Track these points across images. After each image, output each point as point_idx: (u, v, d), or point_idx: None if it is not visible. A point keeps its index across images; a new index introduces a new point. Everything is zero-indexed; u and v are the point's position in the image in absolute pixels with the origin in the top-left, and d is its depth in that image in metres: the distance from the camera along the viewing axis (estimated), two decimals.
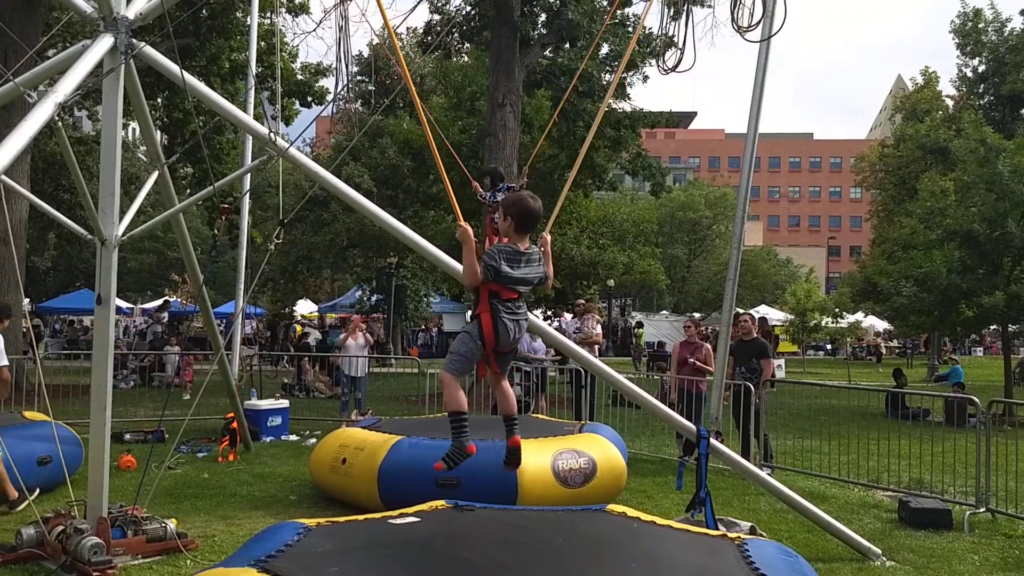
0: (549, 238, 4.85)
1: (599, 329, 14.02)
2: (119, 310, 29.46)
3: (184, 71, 6.20)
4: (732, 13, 6.59)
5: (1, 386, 7.70)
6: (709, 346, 11.48)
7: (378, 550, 4.38)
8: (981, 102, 32.60)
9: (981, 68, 32.95)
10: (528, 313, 4.64)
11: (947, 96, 37.31)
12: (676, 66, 7.12)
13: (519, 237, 4.47)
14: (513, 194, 4.80)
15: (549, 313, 27.63)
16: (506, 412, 4.85)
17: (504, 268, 4.33)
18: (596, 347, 13.53)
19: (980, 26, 32.52)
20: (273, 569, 3.79)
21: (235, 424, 10.32)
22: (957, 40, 33.20)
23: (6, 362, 7.67)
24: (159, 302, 31.84)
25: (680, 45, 7.01)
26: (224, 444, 10.33)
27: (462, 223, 4.56)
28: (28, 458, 7.59)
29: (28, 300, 16.40)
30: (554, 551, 4.46)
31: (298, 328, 29.17)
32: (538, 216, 4.53)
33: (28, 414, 9.24)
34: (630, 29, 20.42)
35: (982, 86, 33.09)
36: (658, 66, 7.47)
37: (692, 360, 11.00)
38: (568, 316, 18.01)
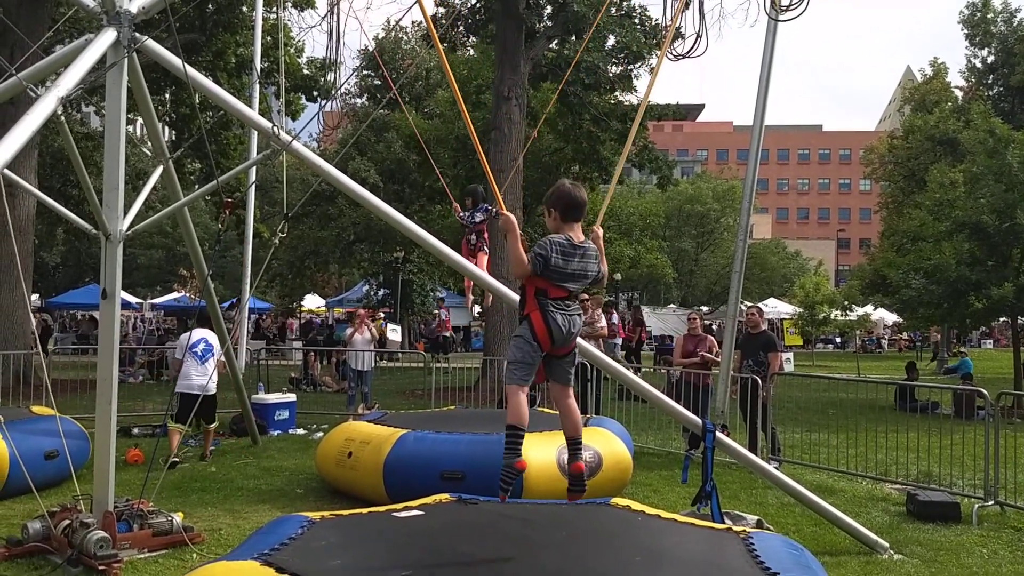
0: (601, 231, 4.51)
1: (604, 322, 13.98)
2: (127, 305, 29.60)
3: (188, 65, 6.19)
4: None
5: None
6: (713, 339, 11.44)
7: (382, 543, 4.38)
8: (990, 93, 32.45)
9: (990, 59, 32.78)
10: (580, 311, 4.26)
11: (956, 87, 37.13)
12: (688, 52, 7.08)
13: (570, 228, 4.15)
14: (553, 187, 4.38)
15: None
16: (570, 434, 4.34)
17: (555, 260, 4.03)
18: (602, 340, 13.51)
19: (989, 16, 32.33)
20: (276, 562, 3.78)
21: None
22: (966, 31, 33.00)
23: None
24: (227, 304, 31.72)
25: (687, 33, 6.97)
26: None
27: (504, 211, 4.32)
28: (35, 452, 7.62)
29: (37, 295, 16.48)
30: (559, 544, 4.45)
31: (378, 324, 28.94)
32: (584, 202, 4.22)
33: (36, 408, 9.28)
34: (636, 21, 20.34)
35: (991, 77, 32.92)
36: (669, 53, 7.39)
37: (701, 353, 10.96)
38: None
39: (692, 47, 7.31)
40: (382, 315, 31.44)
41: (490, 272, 8.30)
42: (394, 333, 25.72)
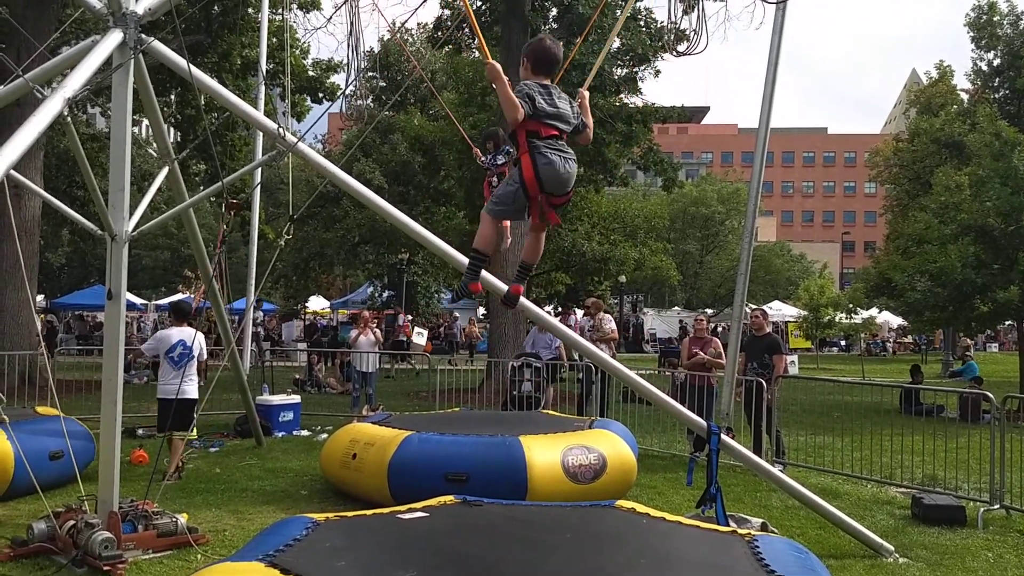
0: (587, 94, 4.61)
1: (613, 325, 13.99)
2: (132, 306, 29.66)
3: (193, 67, 6.20)
4: None
5: None
6: (718, 341, 11.42)
7: (386, 545, 4.38)
8: (996, 96, 32.31)
9: (996, 62, 32.64)
10: (573, 157, 4.35)
11: (962, 90, 37.02)
12: (687, 50, 7.07)
13: (541, 80, 4.31)
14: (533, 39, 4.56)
15: (560, 310, 27.57)
16: (528, 257, 4.62)
17: (540, 98, 4.15)
18: (613, 344, 13.55)
19: (995, 19, 32.21)
20: (280, 564, 3.79)
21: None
22: (972, 33, 32.89)
23: None
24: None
25: (690, 32, 6.96)
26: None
27: (489, 60, 4.36)
28: (40, 453, 7.63)
29: (42, 296, 16.51)
30: (563, 547, 4.44)
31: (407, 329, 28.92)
32: (556, 56, 4.34)
33: (40, 409, 9.29)
34: (641, 23, 20.32)
35: (997, 80, 32.77)
36: (669, 49, 7.41)
37: (696, 351, 10.96)
38: (579, 313, 17.91)
39: (693, 43, 7.31)
40: (409, 318, 31.43)
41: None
42: (420, 337, 25.65)
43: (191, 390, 8.85)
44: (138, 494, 6.69)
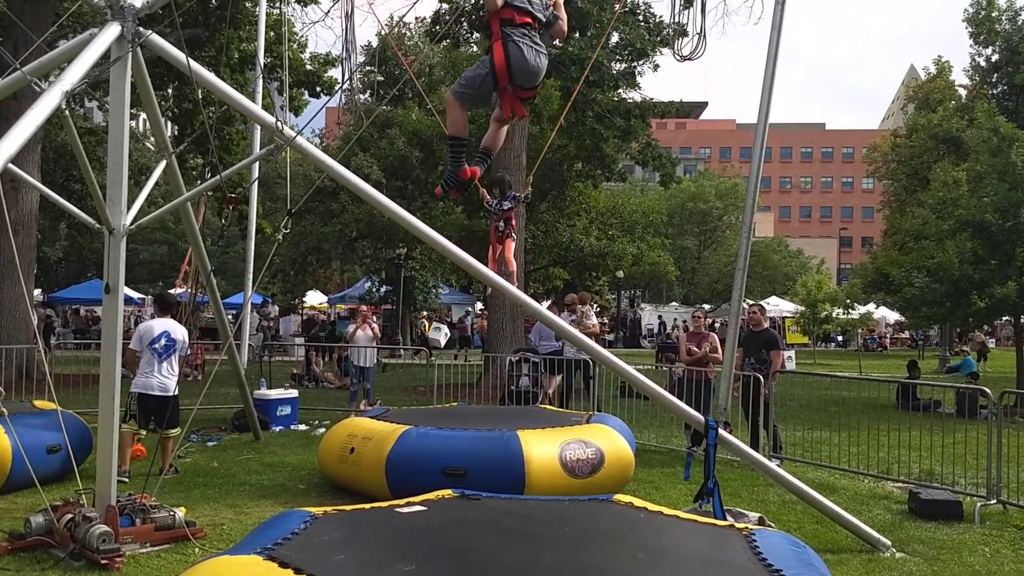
0: None
1: (595, 320, 13.96)
2: (130, 300, 29.62)
3: (191, 60, 6.19)
4: None
5: None
6: (716, 336, 11.44)
7: (384, 538, 4.38)
8: (994, 91, 32.32)
9: (995, 57, 32.65)
10: (544, 50, 4.43)
11: (960, 85, 37.03)
12: (691, 54, 7.08)
13: None
14: None
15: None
16: (487, 145, 4.69)
17: None
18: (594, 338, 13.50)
19: (994, 15, 32.21)
20: (279, 557, 3.78)
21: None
22: (970, 29, 32.89)
23: None
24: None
25: (692, 32, 6.97)
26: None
27: None
28: (38, 446, 7.63)
29: (39, 290, 16.48)
30: (561, 541, 4.45)
31: (427, 323, 28.97)
32: None
33: (38, 403, 9.27)
34: (640, 19, 20.30)
35: (995, 75, 32.79)
36: (673, 52, 7.43)
37: (690, 347, 10.98)
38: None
39: (695, 48, 7.32)
40: (425, 314, 31.43)
41: (514, 257, 8.76)
42: (437, 332, 25.63)
43: (174, 385, 8.56)
44: (136, 488, 6.70)
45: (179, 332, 8.71)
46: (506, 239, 8.71)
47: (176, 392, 8.58)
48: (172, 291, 13.81)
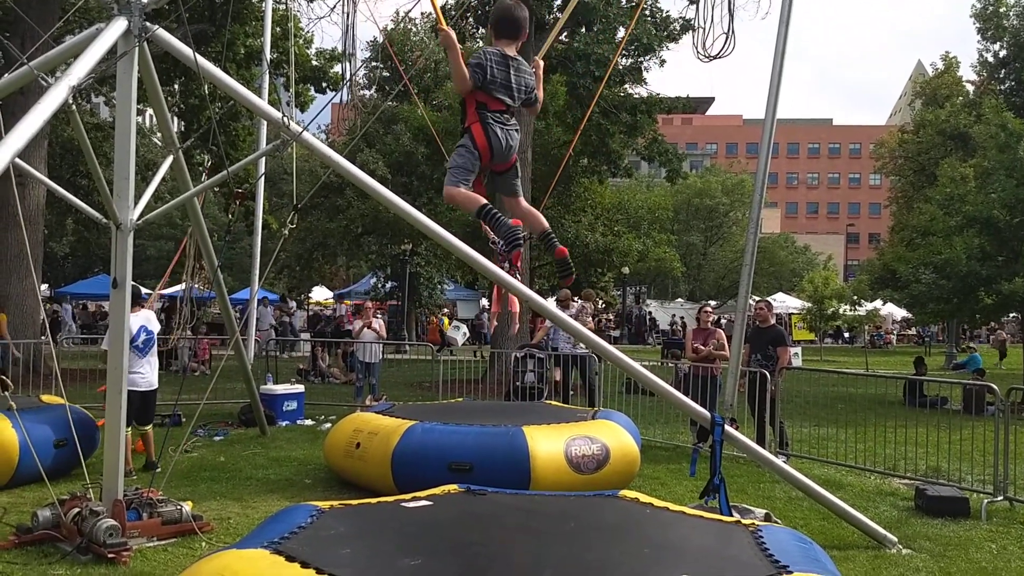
0: (542, 63, 4.64)
1: (590, 319, 13.93)
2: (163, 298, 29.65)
3: (198, 55, 6.19)
4: None
5: None
6: (722, 332, 11.42)
7: (390, 533, 4.39)
8: (1002, 87, 32.19)
9: (1002, 53, 32.50)
10: (517, 127, 4.46)
11: (968, 81, 36.90)
12: (719, 53, 7.03)
13: (503, 44, 4.32)
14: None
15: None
16: (539, 229, 4.65)
17: (492, 69, 4.19)
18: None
19: (1001, 10, 32.06)
20: (285, 551, 3.79)
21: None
22: (978, 25, 32.74)
23: None
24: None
25: (706, 29, 6.91)
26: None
27: (443, 26, 4.38)
28: (45, 441, 7.66)
29: (46, 285, 16.54)
30: (566, 535, 4.45)
31: (446, 321, 28.96)
32: (519, 19, 4.33)
33: (45, 397, 9.31)
34: (648, 14, 20.23)
35: (1003, 71, 32.65)
36: (698, 54, 7.35)
37: (695, 345, 10.96)
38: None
39: (723, 48, 7.25)
40: (445, 311, 31.38)
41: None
42: (455, 331, 25.59)
43: (155, 378, 8.56)
44: (143, 482, 6.72)
45: (154, 323, 8.69)
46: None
47: (156, 387, 8.64)
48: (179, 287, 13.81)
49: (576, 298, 13.50)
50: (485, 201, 4.34)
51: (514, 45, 4.34)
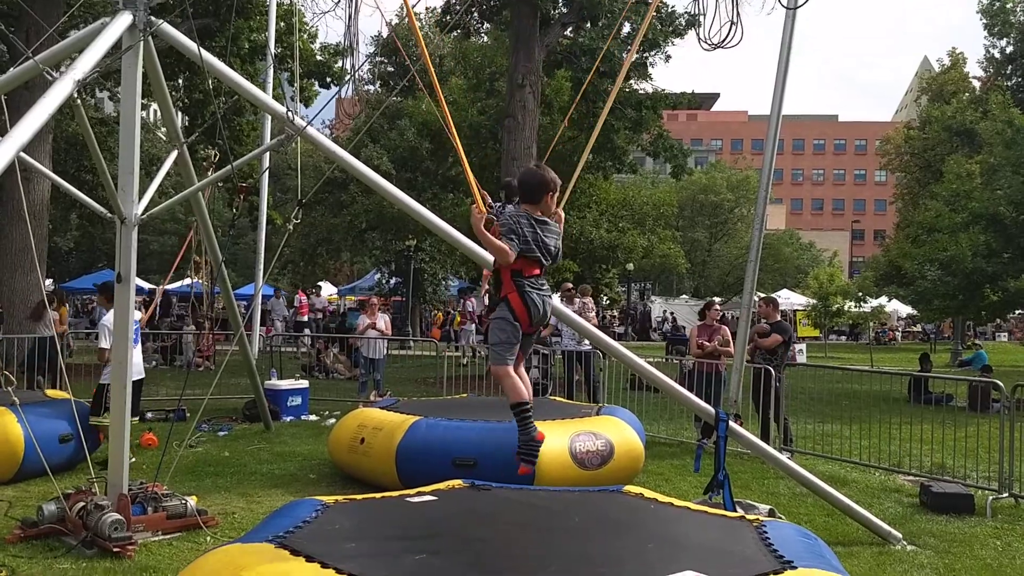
0: (563, 215, 4.65)
1: (593, 312, 13.92)
2: (140, 291, 29.73)
3: (203, 50, 6.18)
4: None
5: None
6: (727, 329, 11.40)
7: (395, 527, 4.39)
8: (1009, 83, 32.06)
9: (1009, 49, 32.38)
10: (549, 294, 4.49)
11: (974, 77, 36.77)
12: (723, 42, 7.00)
13: (531, 208, 4.32)
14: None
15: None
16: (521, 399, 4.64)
17: (527, 233, 4.18)
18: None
19: (1008, 6, 31.92)
20: (290, 545, 3.80)
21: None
22: (985, 20, 32.61)
23: None
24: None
25: (713, 20, 6.90)
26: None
27: (479, 201, 4.45)
28: (50, 435, 7.68)
29: (50, 280, 16.56)
30: (571, 531, 4.45)
31: (458, 317, 28.99)
32: (544, 181, 4.32)
33: (50, 392, 9.33)
34: (655, 10, 20.18)
35: (1010, 67, 32.53)
36: (701, 42, 7.32)
37: (700, 342, 10.95)
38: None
39: (727, 36, 7.22)
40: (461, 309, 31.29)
41: None
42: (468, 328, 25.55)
43: (142, 367, 8.59)
44: (147, 476, 6.73)
45: (137, 314, 8.47)
46: None
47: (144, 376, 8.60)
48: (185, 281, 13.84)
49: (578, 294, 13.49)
50: (529, 402, 4.31)
51: (538, 209, 4.32)
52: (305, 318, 26.05)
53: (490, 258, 6.73)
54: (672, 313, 42.87)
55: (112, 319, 8.31)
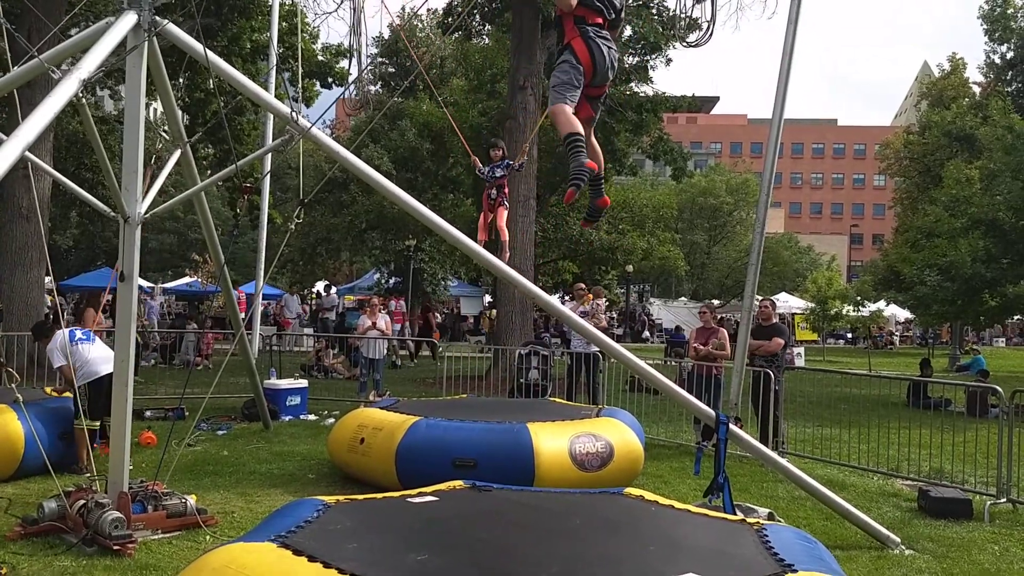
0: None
1: (602, 314, 13.95)
2: (141, 289, 29.73)
3: (208, 51, 6.19)
4: None
5: None
6: (725, 331, 11.42)
7: (396, 528, 4.40)
8: (1009, 89, 32.13)
9: (1009, 54, 32.44)
10: (613, 45, 4.44)
11: (974, 83, 36.83)
12: (696, 41, 7.05)
13: None
14: None
15: (566, 298, 27.58)
16: (595, 170, 4.57)
17: None
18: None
19: (1009, 12, 31.99)
20: (292, 544, 3.81)
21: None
22: (985, 26, 32.66)
23: None
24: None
25: (702, 21, 6.94)
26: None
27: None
28: (51, 433, 7.68)
29: (50, 278, 16.54)
30: (571, 532, 4.46)
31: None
32: None
33: (50, 389, 9.34)
34: (655, 12, 20.22)
35: (1010, 73, 32.60)
36: (678, 38, 7.40)
37: (695, 345, 10.96)
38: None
39: (703, 34, 7.28)
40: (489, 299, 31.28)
41: (507, 225, 8.69)
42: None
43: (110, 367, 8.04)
44: (147, 475, 6.74)
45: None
46: (498, 207, 8.55)
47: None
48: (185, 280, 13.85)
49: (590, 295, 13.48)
50: (580, 132, 4.26)
51: None
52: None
53: (491, 259, 6.78)
54: (658, 318, 43.06)
55: (58, 337, 8.04)
